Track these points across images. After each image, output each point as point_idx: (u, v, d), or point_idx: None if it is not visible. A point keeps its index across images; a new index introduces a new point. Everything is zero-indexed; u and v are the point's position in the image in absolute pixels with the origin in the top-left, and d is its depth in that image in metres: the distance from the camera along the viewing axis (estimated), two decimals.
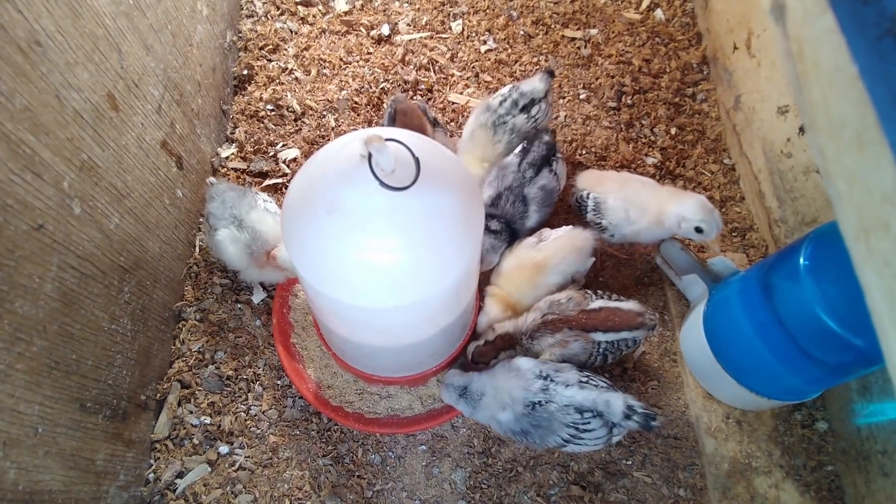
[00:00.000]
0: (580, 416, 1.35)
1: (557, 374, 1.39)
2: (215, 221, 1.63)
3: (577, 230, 1.62)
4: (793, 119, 1.75)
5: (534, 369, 1.40)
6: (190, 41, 1.82)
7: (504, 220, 1.67)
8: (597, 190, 1.74)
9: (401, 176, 1.08)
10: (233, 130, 2.09)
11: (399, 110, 1.79)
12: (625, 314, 1.52)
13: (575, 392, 1.36)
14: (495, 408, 1.40)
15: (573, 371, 1.41)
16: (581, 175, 1.82)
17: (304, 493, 1.56)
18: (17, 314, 1.11)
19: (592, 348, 1.50)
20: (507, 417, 1.39)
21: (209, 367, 1.70)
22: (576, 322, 1.49)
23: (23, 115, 1.10)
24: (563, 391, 1.36)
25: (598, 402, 1.36)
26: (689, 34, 2.37)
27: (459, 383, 1.44)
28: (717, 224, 1.60)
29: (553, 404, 1.36)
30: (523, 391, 1.37)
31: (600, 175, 1.80)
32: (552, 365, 1.42)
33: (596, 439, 1.38)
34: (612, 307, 1.53)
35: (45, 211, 1.18)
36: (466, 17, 2.38)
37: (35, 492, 1.17)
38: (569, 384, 1.37)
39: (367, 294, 1.16)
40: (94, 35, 1.31)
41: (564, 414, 1.36)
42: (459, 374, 1.47)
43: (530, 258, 1.55)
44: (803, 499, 1.57)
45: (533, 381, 1.38)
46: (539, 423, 1.37)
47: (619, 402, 1.37)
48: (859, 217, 0.58)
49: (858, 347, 1.26)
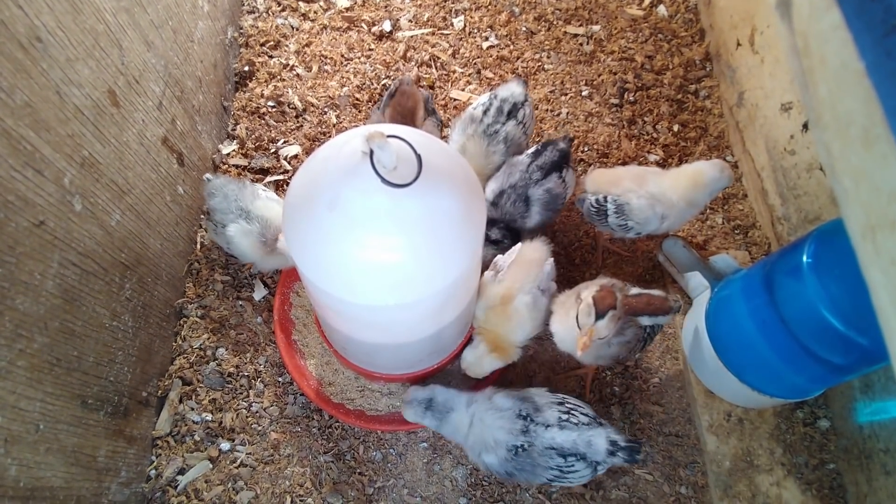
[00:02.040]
0: (563, 460, 1.33)
1: (537, 413, 1.36)
2: (222, 217, 1.62)
3: (525, 245, 1.57)
4: (796, 116, 1.75)
5: (514, 408, 1.36)
6: (191, 37, 1.81)
7: (504, 226, 1.64)
8: (613, 192, 1.67)
9: (402, 173, 1.07)
10: (234, 127, 2.08)
11: (400, 90, 1.77)
12: (658, 298, 1.48)
13: (555, 434, 1.33)
14: (480, 448, 1.37)
15: (553, 409, 1.37)
16: (589, 178, 1.76)
17: (305, 489, 1.56)
18: (18, 311, 1.11)
19: (643, 333, 1.47)
20: (491, 461, 1.36)
21: (210, 364, 1.70)
22: (627, 306, 1.44)
23: (23, 112, 1.10)
24: (543, 433, 1.33)
25: (580, 444, 1.32)
26: (691, 30, 2.36)
27: (423, 396, 1.41)
28: (730, 173, 1.63)
29: (535, 448, 1.33)
30: (506, 433, 1.34)
31: (611, 175, 1.74)
32: (531, 403, 1.38)
33: (581, 477, 1.36)
34: (647, 292, 1.50)
35: (46, 207, 1.18)
36: (468, 14, 2.37)
37: (36, 488, 1.17)
38: (549, 425, 1.34)
39: (368, 292, 1.15)
40: (94, 31, 1.31)
41: (547, 458, 1.33)
42: (421, 388, 1.43)
43: (496, 295, 1.49)
44: (805, 497, 1.57)
45: (514, 422, 1.34)
46: (523, 467, 1.34)
47: (602, 441, 1.33)
48: (866, 215, 0.58)
49: (861, 346, 1.26)
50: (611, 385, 1.74)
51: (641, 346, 1.51)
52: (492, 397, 1.41)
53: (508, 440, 1.34)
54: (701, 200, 1.65)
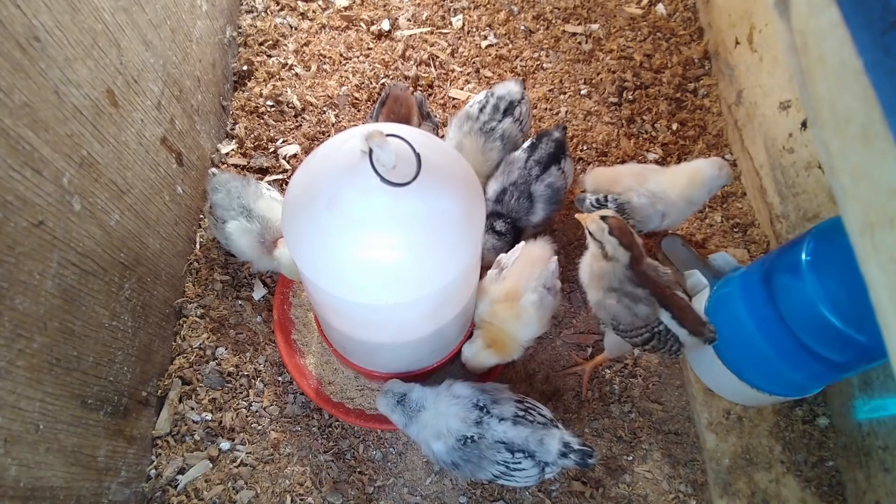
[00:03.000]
0: (511, 455, 1.30)
1: (494, 405, 1.34)
2: (223, 213, 1.62)
3: (530, 244, 1.56)
4: (795, 114, 1.75)
5: (472, 397, 1.35)
6: (189, 37, 1.81)
7: (510, 221, 1.65)
8: (614, 190, 1.68)
9: (402, 172, 1.07)
10: (233, 126, 2.08)
11: (392, 96, 1.75)
12: (695, 315, 1.46)
13: (507, 428, 1.31)
14: (431, 434, 1.35)
15: (511, 404, 1.35)
16: (588, 177, 1.76)
17: (305, 488, 1.57)
18: (17, 311, 1.11)
19: (652, 328, 1.44)
20: (439, 448, 1.35)
21: (210, 364, 1.69)
22: (660, 290, 1.43)
23: (22, 112, 1.10)
24: (495, 426, 1.31)
25: (531, 442, 1.30)
26: (690, 29, 2.36)
27: (399, 390, 1.40)
28: (728, 171, 1.63)
29: (484, 440, 1.31)
30: (459, 422, 1.33)
31: (611, 173, 1.73)
32: (490, 395, 1.37)
33: (527, 477, 1.34)
34: (691, 305, 1.49)
35: (45, 207, 1.17)
36: (467, 13, 2.37)
37: (36, 488, 1.17)
38: (503, 418, 1.32)
39: (368, 291, 1.15)
40: (92, 30, 1.30)
41: (495, 452, 1.31)
42: (401, 384, 1.42)
43: (501, 291, 1.49)
44: (804, 494, 1.57)
45: (470, 411, 1.33)
46: (469, 458, 1.33)
47: (555, 442, 1.30)
48: (864, 212, 0.58)
49: (860, 343, 1.26)
50: (610, 383, 1.74)
51: (641, 337, 1.48)
52: (451, 385, 1.40)
53: (460, 429, 1.32)
54: (699, 198, 1.65)
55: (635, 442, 1.65)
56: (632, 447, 1.65)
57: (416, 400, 1.38)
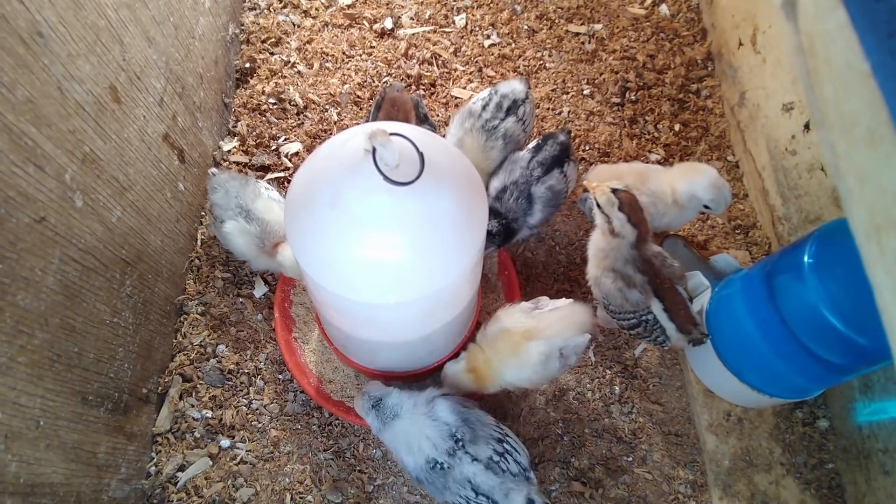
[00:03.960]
0: (474, 495, 1.28)
1: (471, 444, 1.29)
2: (221, 212, 1.62)
3: (578, 306, 1.46)
4: (798, 116, 1.75)
5: (452, 426, 1.30)
6: (192, 33, 1.80)
7: (504, 221, 1.64)
8: None
9: (405, 171, 1.07)
10: (235, 124, 2.08)
11: (387, 99, 1.72)
12: (688, 313, 1.46)
13: (478, 471, 1.27)
14: (402, 446, 1.33)
15: (489, 446, 1.30)
16: (591, 174, 1.75)
17: (305, 486, 1.57)
18: (18, 307, 1.11)
19: (640, 309, 1.43)
20: (408, 461, 1.32)
21: (211, 361, 1.69)
22: (659, 280, 1.41)
23: (25, 107, 1.09)
24: (467, 465, 1.27)
25: (497, 492, 1.27)
26: (693, 30, 2.35)
27: (375, 394, 1.36)
28: (725, 200, 1.58)
29: (453, 473, 1.28)
30: (432, 447, 1.29)
31: (613, 171, 1.72)
32: (472, 430, 1.31)
33: None
34: (687, 302, 1.48)
35: (47, 203, 1.17)
36: (470, 12, 2.37)
37: (36, 484, 1.16)
38: (476, 459, 1.28)
39: (370, 290, 1.15)
40: (96, 26, 1.30)
41: (460, 487, 1.28)
42: (380, 386, 1.39)
43: (521, 324, 1.42)
44: (804, 496, 1.57)
45: (445, 440, 1.29)
46: (433, 482, 1.30)
47: (520, 498, 1.27)
48: (870, 215, 0.58)
49: (861, 346, 1.26)
50: (610, 384, 1.74)
51: (628, 322, 1.47)
52: (433, 402, 1.34)
53: (432, 453, 1.29)
54: (688, 216, 1.66)
55: (635, 443, 1.65)
56: (632, 448, 1.65)
57: (392, 406, 1.34)
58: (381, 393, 1.37)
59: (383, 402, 1.35)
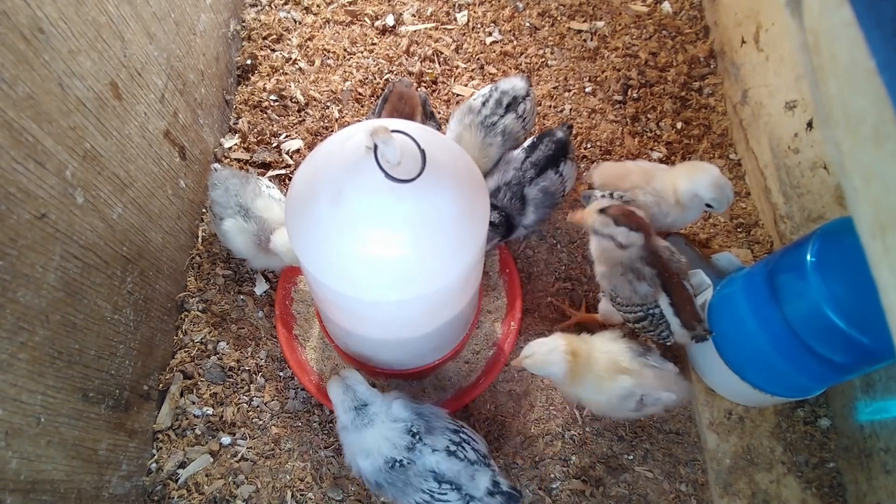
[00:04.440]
0: (437, 485, 1.27)
1: (428, 435, 1.29)
2: (220, 210, 1.62)
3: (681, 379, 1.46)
4: (801, 114, 1.74)
5: (407, 422, 1.30)
6: (193, 30, 1.80)
7: (504, 213, 1.63)
8: (621, 187, 1.66)
9: (406, 168, 1.07)
10: (236, 121, 2.07)
11: (395, 92, 1.72)
12: (693, 309, 1.46)
13: (440, 459, 1.27)
14: (360, 452, 1.30)
15: (445, 435, 1.30)
16: (596, 171, 1.74)
17: (305, 484, 1.57)
18: (19, 304, 1.11)
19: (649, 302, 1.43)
20: (365, 466, 1.30)
21: (211, 358, 1.69)
22: (668, 274, 1.42)
23: (25, 103, 1.09)
24: (428, 455, 1.27)
25: (462, 476, 1.28)
26: (696, 27, 2.35)
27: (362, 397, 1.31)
28: (727, 199, 1.56)
29: (414, 466, 1.27)
30: (391, 447, 1.28)
31: (618, 169, 1.71)
32: (425, 421, 1.31)
33: None
34: (693, 298, 1.48)
35: (48, 200, 1.17)
36: (471, 9, 2.36)
37: (37, 481, 1.16)
38: (436, 449, 1.28)
39: (371, 287, 1.15)
40: (97, 23, 1.30)
41: (421, 480, 1.27)
42: (365, 386, 1.33)
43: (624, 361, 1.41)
44: (805, 495, 1.57)
45: (402, 438, 1.28)
46: (394, 482, 1.28)
47: (485, 479, 1.28)
48: (875, 214, 0.58)
49: (864, 345, 1.26)
50: None
51: (634, 315, 1.47)
52: (392, 403, 1.33)
53: (389, 452, 1.28)
54: (691, 216, 1.65)
55: (636, 441, 1.65)
56: (632, 446, 1.64)
57: (371, 414, 1.31)
58: (368, 397, 1.32)
59: (369, 407, 1.31)
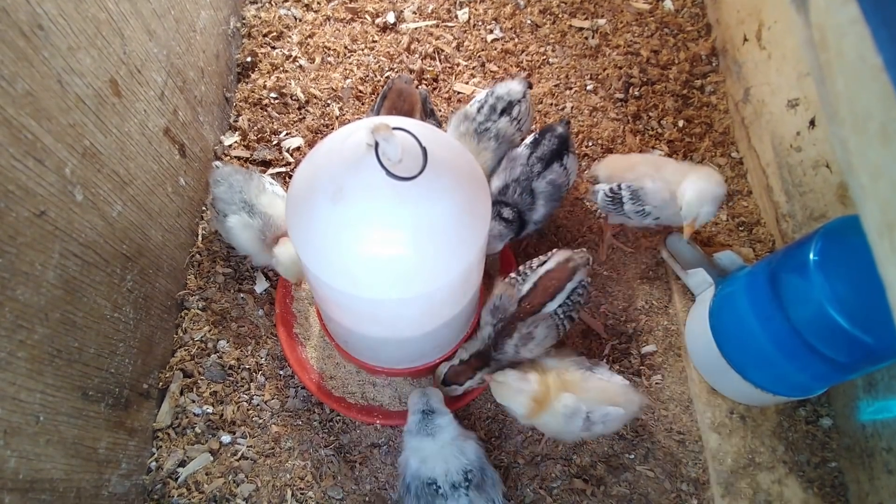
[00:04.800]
0: None
1: (475, 490, 1.31)
2: (224, 206, 1.61)
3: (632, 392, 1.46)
4: (803, 112, 1.73)
5: (470, 464, 1.33)
6: (193, 27, 1.79)
7: (517, 210, 1.63)
8: (627, 177, 1.65)
9: (407, 166, 1.06)
10: (236, 118, 2.07)
11: (395, 89, 1.71)
12: (558, 272, 1.46)
13: None
14: (418, 456, 1.35)
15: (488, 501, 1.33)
16: (602, 164, 1.73)
17: (306, 483, 1.56)
18: (18, 302, 1.10)
19: (555, 321, 1.45)
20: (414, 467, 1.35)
21: (211, 357, 1.69)
22: (523, 313, 1.44)
23: (24, 101, 1.08)
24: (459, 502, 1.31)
25: None
26: (698, 25, 2.34)
27: (435, 406, 1.39)
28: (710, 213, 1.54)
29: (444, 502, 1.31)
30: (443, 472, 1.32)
31: (624, 160, 1.70)
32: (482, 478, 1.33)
33: None
34: (542, 273, 1.48)
35: (47, 198, 1.16)
36: (473, 6, 2.35)
37: (36, 480, 1.16)
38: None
39: (372, 285, 1.14)
40: (96, 19, 1.29)
41: None
42: (441, 402, 1.40)
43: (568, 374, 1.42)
44: (806, 495, 1.57)
45: (457, 473, 1.31)
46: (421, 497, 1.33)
47: None
48: (883, 212, 0.57)
49: (866, 344, 1.25)
50: None
51: (565, 327, 1.49)
52: (467, 439, 1.37)
53: (438, 476, 1.31)
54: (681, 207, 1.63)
55: (637, 440, 1.65)
56: (633, 445, 1.64)
57: (437, 426, 1.36)
58: (438, 408, 1.39)
59: (436, 417, 1.37)
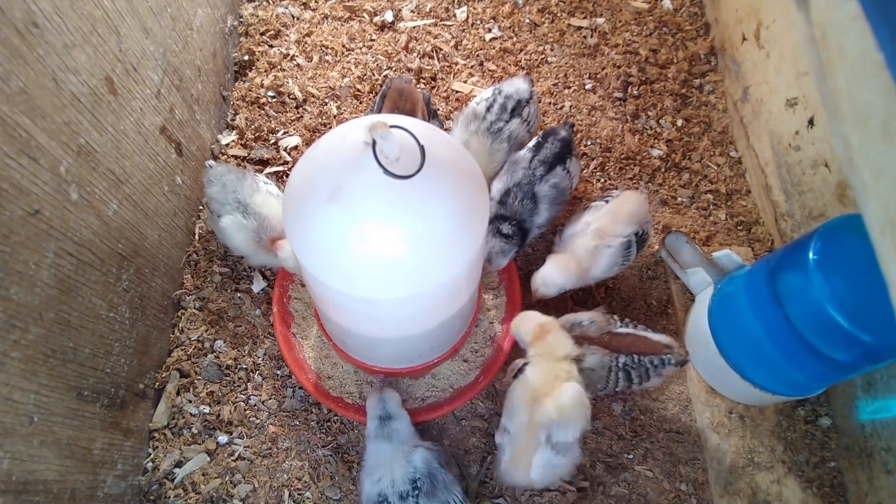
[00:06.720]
0: None
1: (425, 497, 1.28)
2: (218, 207, 1.60)
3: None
4: (801, 111, 1.73)
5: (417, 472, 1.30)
6: (190, 25, 1.78)
7: (515, 223, 1.60)
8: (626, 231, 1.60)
9: (405, 164, 1.05)
10: (233, 117, 2.06)
11: (395, 88, 1.68)
12: (652, 344, 1.43)
13: None
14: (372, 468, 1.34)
15: None
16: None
17: (303, 483, 1.55)
18: (12, 301, 1.09)
19: (611, 362, 1.41)
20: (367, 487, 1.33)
21: (208, 357, 1.68)
22: (599, 342, 1.41)
23: (19, 98, 1.08)
24: None
25: None
26: (697, 24, 2.33)
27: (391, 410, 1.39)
28: None
29: None
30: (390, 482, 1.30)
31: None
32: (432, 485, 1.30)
33: None
34: (640, 335, 1.44)
35: (42, 196, 1.15)
36: (471, 5, 2.35)
37: (30, 482, 1.15)
38: None
39: (369, 285, 1.14)
40: (92, 17, 1.28)
41: None
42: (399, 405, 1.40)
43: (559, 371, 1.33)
44: (805, 495, 1.57)
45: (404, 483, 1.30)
46: None
47: None
48: (885, 210, 0.56)
49: (866, 343, 1.25)
50: None
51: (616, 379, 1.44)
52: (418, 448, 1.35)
53: (386, 489, 1.30)
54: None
55: (636, 440, 1.64)
56: (632, 445, 1.64)
57: (394, 430, 1.37)
58: (395, 413, 1.40)
59: (392, 422, 1.38)
